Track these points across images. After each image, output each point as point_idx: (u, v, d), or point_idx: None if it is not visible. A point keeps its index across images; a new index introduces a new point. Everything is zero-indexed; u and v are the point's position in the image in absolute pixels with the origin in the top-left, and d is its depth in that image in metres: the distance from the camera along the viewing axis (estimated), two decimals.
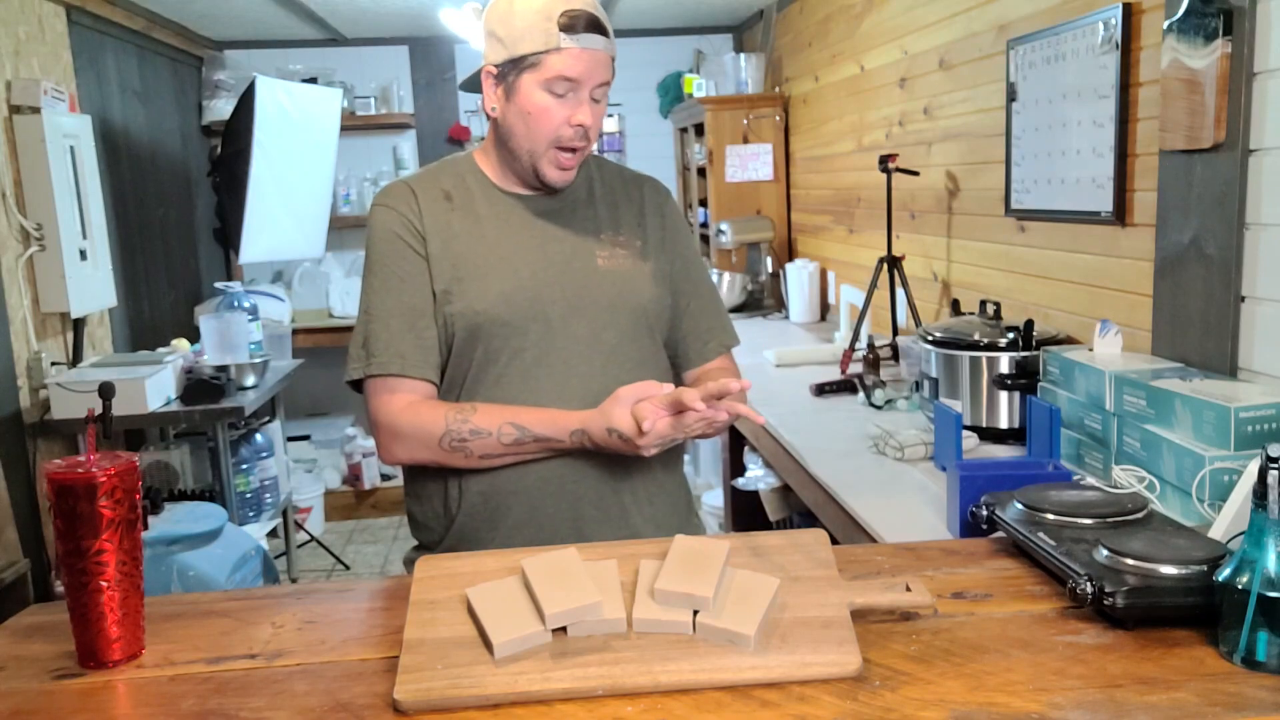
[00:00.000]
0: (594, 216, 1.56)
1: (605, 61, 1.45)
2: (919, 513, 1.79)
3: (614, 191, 1.61)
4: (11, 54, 3.09)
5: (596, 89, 1.46)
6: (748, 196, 4.68)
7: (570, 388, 1.47)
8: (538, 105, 1.44)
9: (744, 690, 0.97)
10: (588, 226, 1.55)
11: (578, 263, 1.51)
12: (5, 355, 2.93)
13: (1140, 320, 2.03)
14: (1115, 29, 2.07)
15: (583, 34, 1.42)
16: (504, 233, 1.51)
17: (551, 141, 1.46)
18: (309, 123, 4.29)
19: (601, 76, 1.45)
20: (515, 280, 1.48)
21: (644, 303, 1.54)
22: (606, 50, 1.45)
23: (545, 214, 1.54)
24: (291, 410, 5.10)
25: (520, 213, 1.53)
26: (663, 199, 1.65)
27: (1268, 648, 0.96)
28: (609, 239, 1.55)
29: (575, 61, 1.42)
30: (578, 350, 1.48)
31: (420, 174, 1.58)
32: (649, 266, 1.56)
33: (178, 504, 3.04)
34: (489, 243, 1.50)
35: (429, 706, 0.97)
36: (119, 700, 1.02)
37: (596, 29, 1.43)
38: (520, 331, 1.47)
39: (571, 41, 1.41)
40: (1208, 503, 1.48)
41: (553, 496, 1.47)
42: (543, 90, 1.43)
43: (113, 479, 1.05)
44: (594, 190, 1.59)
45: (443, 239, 1.49)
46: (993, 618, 1.11)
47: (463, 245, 1.49)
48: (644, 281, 1.55)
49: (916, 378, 2.47)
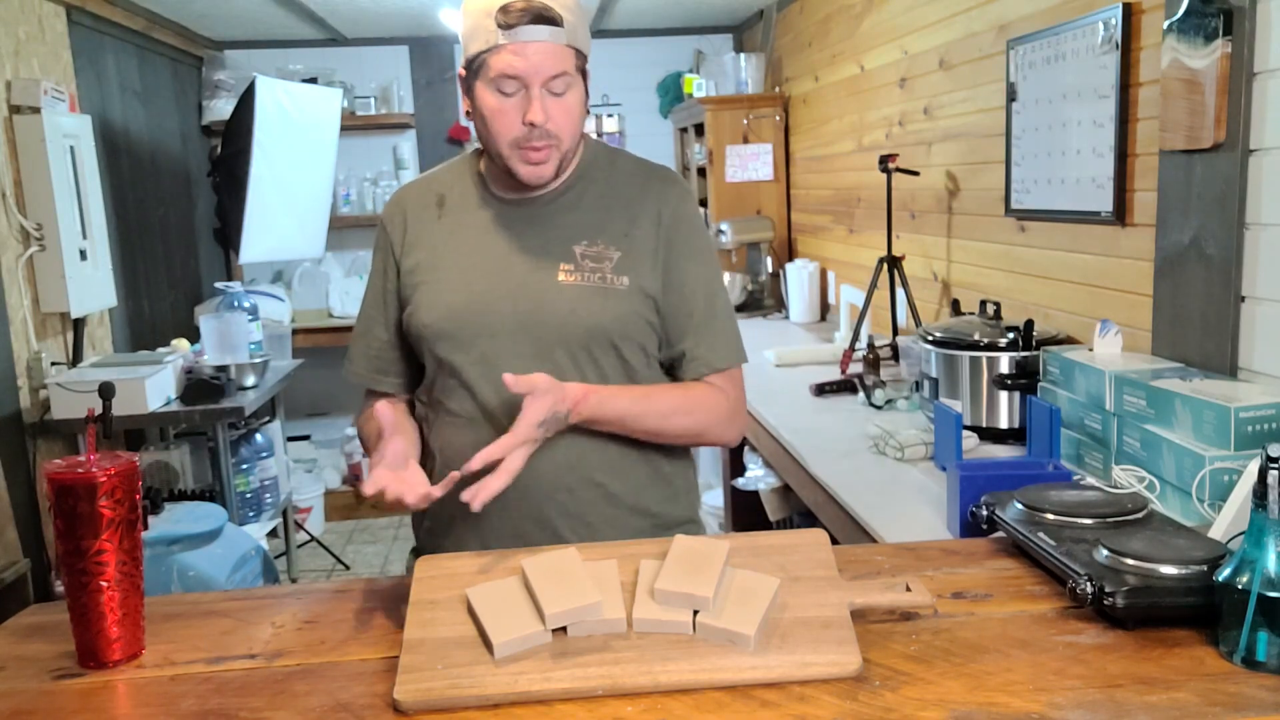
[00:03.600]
0: (572, 224, 1.48)
1: (552, 52, 1.36)
2: (919, 513, 1.79)
3: (613, 192, 1.52)
4: (11, 54, 3.09)
5: (552, 82, 1.37)
6: (748, 196, 4.68)
7: (515, 402, 1.39)
8: (490, 107, 1.39)
9: (744, 690, 0.97)
10: (560, 235, 1.48)
11: (536, 277, 1.45)
12: (5, 355, 2.93)
13: (1140, 320, 2.03)
14: (1115, 29, 2.07)
15: (523, 27, 1.34)
16: (475, 241, 1.49)
17: (511, 142, 1.40)
18: (309, 123, 4.29)
19: (552, 69, 1.36)
20: (467, 294, 1.46)
21: (603, 321, 1.44)
22: (555, 39, 1.36)
23: (522, 220, 1.49)
24: (291, 410, 5.10)
25: (502, 219, 1.50)
26: (672, 203, 1.51)
27: (1268, 648, 0.96)
28: (581, 249, 1.47)
29: (515, 58, 1.35)
30: (522, 366, 1.40)
31: (427, 176, 1.60)
32: (623, 280, 1.45)
33: (178, 504, 3.04)
34: (459, 252, 1.49)
35: (429, 706, 0.97)
36: (119, 700, 1.02)
37: (541, 19, 1.35)
38: (464, 346, 1.45)
39: (507, 38, 1.35)
40: (1208, 503, 1.48)
41: (556, 500, 1.45)
42: (492, 91, 1.38)
43: (113, 479, 1.05)
44: (586, 192, 1.51)
45: (423, 252, 1.51)
46: (993, 618, 1.11)
47: (438, 256, 1.50)
48: (610, 299, 1.44)
49: (916, 378, 2.47)
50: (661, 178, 1.54)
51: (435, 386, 1.51)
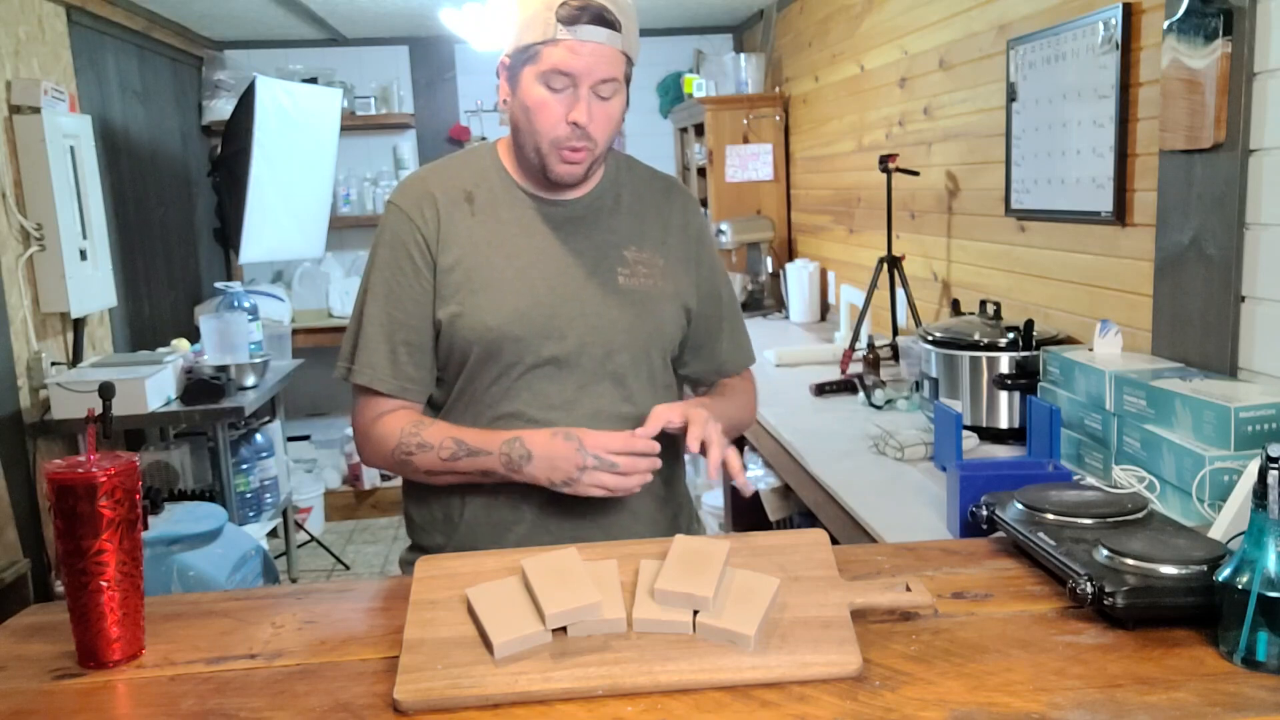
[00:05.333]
0: (618, 228, 1.50)
1: (608, 56, 1.35)
2: (919, 513, 1.79)
3: (641, 200, 1.53)
4: (11, 54, 3.09)
5: (600, 85, 1.36)
6: (748, 196, 4.68)
7: (579, 406, 1.44)
8: (535, 99, 1.37)
9: (744, 690, 0.97)
10: (610, 239, 1.49)
11: (598, 279, 1.45)
12: (5, 355, 2.93)
13: (1140, 320, 2.03)
14: (1115, 29, 2.07)
15: (584, 25, 1.33)
16: (524, 241, 1.45)
17: (551, 139, 1.38)
18: (309, 123, 4.29)
19: (604, 72, 1.36)
20: (532, 296, 1.43)
21: (661, 325, 1.50)
22: (610, 43, 1.35)
23: (568, 221, 1.47)
24: (291, 410, 5.10)
25: (542, 218, 1.46)
26: (690, 214, 1.57)
27: (1268, 648, 0.96)
28: (632, 254, 1.49)
29: (571, 55, 1.33)
30: (589, 370, 1.44)
31: (442, 168, 1.51)
32: (669, 287, 1.50)
33: (178, 504, 3.04)
34: (507, 252, 1.44)
35: (429, 706, 0.97)
36: (119, 700, 1.02)
37: (601, 21, 1.34)
38: (534, 349, 1.43)
39: (568, 33, 1.33)
40: (1208, 503, 1.48)
41: (558, 511, 1.44)
42: (540, 84, 1.36)
43: (113, 479, 1.05)
44: (621, 198, 1.52)
45: (460, 249, 1.44)
46: (993, 618, 1.11)
47: (481, 255, 1.44)
48: (663, 303, 1.49)
49: (916, 378, 2.47)
50: (677, 187, 1.61)
51: (484, 391, 1.45)
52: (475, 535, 1.46)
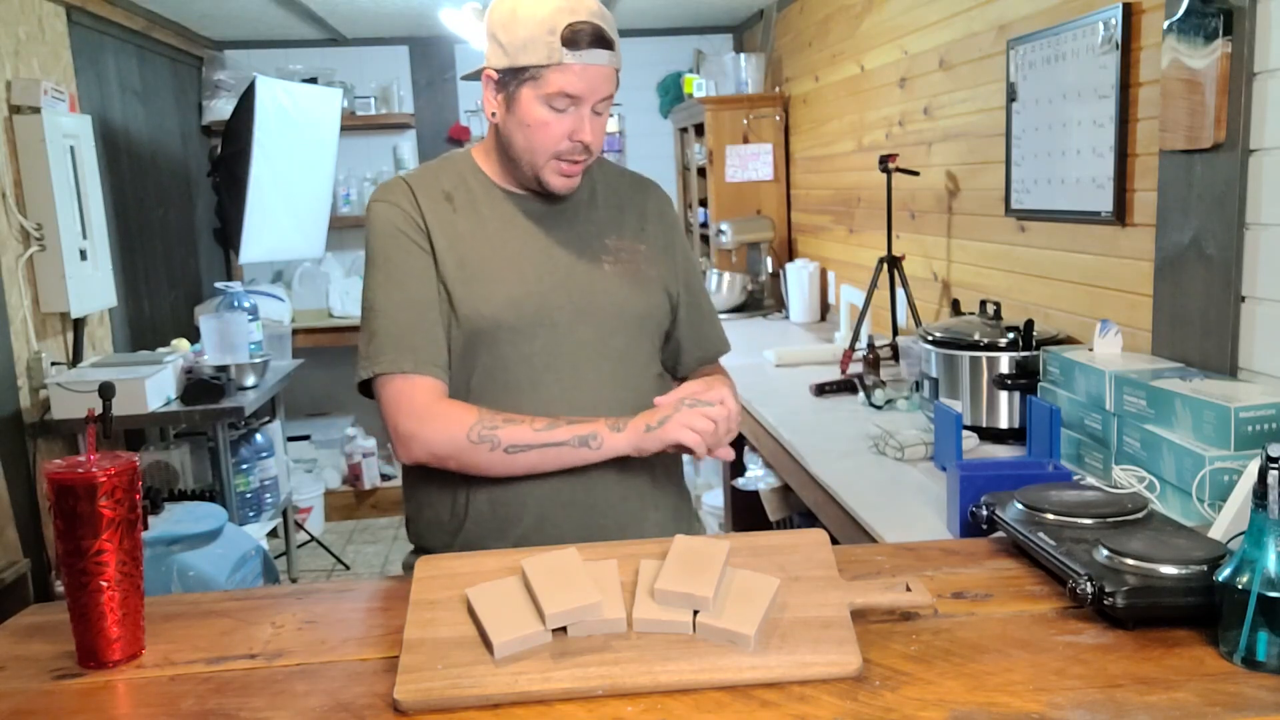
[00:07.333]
0: (596, 220, 1.54)
1: (608, 76, 1.41)
2: (919, 513, 1.79)
3: (617, 194, 1.59)
4: (11, 54, 3.09)
5: (599, 103, 1.42)
6: (748, 196, 4.68)
7: (578, 393, 1.45)
8: (537, 119, 1.41)
9: (744, 690, 0.97)
10: (591, 229, 1.53)
11: (584, 266, 1.49)
12: (5, 355, 2.93)
13: (1140, 320, 2.03)
14: (1115, 29, 2.07)
15: (586, 49, 1.37)
16: (508, 234, 1.49)
17: (551, 155, 1.43)
18: (309, 123, 4.29)
19: (604, 91, 1.41)
20: (522, 285, 1.45)
21: (651, 308, 1.54)
22: (610, 64, 1.41)
23: (549, 216, 1.51)
24: (291, 410, 5.10)
25: (523, 214, 1.50)
26: (664, 205, 1.63)
27: (1268, 648, 0.96)
28: (613, 243, 1.53)
29: (576, 79, 1.38)
30: (585, 356, 1.47)
31: (418, 172, 1.53)
32: (652, 272, 1.55)
33: (178, 504, 3.04)
34: (494, 244, 1.47)
35: (429, 706, 0.97)
36: (119, 700, 1.02)
37: (600, 43, 1.38)
38: (528, 337, 1.44)
39: (573, 58, 1.37)
40: (1208, 503, 1.48)
41: (563, 506, 1.44)
42: (542, 105, 1.40)
43: (113, 479, 1.05)
44: (596, 192, 1.57)
45: (447, 238, 1.46)
46: (993, 618, 1.11)
47: (467, 247, 1.46)
48: (650, 286, 1.54)
49: (916, 378, 2.47)
50: (649, 182, 1.67)
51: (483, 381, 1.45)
52: (479, 534, 1.46)
